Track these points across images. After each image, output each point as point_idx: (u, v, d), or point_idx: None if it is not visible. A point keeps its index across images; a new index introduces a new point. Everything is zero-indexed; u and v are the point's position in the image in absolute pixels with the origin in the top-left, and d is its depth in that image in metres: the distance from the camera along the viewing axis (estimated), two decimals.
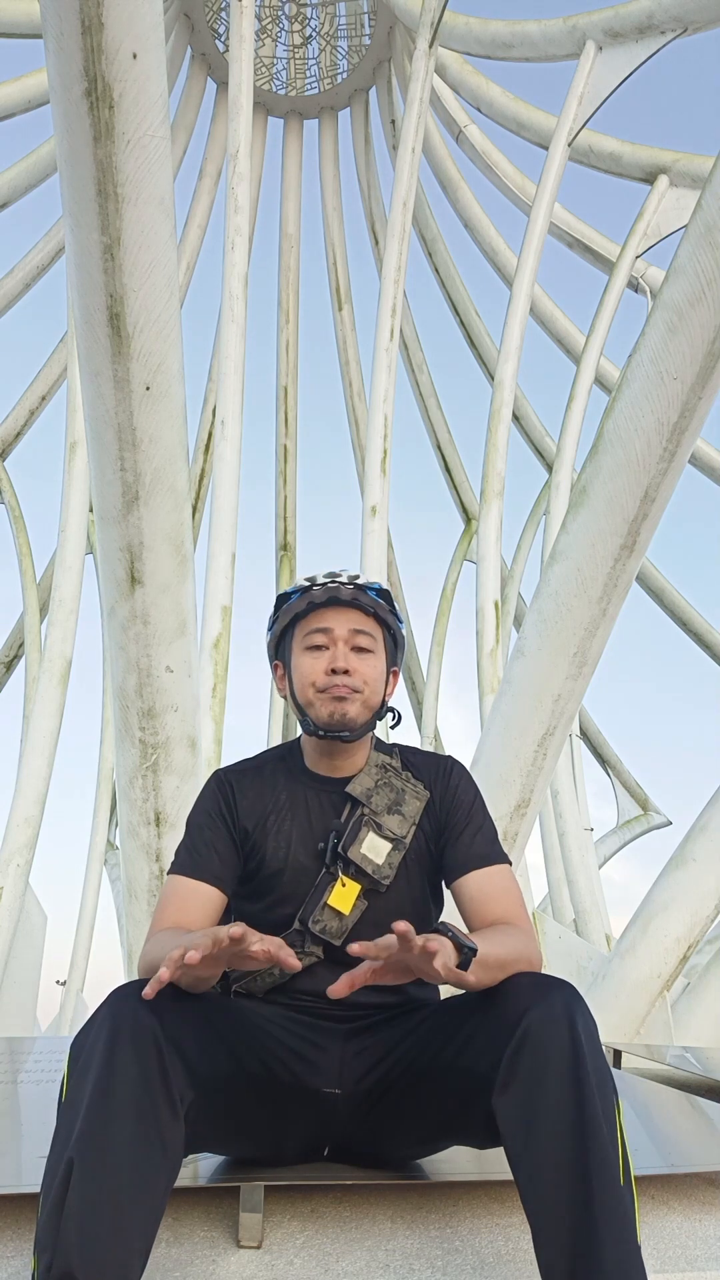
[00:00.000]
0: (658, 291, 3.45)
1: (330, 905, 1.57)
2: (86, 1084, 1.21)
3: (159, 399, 3.18)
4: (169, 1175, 1.22)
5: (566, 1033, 1.28)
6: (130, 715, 3.74)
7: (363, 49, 14.41)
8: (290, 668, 1.71)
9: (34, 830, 8.27)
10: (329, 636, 1.66)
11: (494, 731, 4.33)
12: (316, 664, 1.65)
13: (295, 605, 1.70)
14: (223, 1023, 1.43)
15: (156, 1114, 1.21)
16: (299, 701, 1.68)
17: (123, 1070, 1.21)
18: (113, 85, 2.61)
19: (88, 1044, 1.26)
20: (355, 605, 1.67)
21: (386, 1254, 1.47)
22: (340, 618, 1.67)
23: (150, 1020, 1.26)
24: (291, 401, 15.69)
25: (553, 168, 10.36)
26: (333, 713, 1.63)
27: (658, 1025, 4.79)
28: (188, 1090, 1.28)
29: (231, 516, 7.40)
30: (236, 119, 8.50)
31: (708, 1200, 1.89)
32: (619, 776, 16.48)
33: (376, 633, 1.70)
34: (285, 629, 1.73)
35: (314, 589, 1.69)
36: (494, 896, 1.57)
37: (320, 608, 1.67)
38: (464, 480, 15.30)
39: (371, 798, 1.64)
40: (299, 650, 1.69)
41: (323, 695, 1.64)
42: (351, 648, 1.66)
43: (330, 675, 1.63)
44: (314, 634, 1.67)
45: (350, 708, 1.63)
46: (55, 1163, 1.17)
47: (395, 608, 1.76)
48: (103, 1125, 1.17)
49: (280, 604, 1.74)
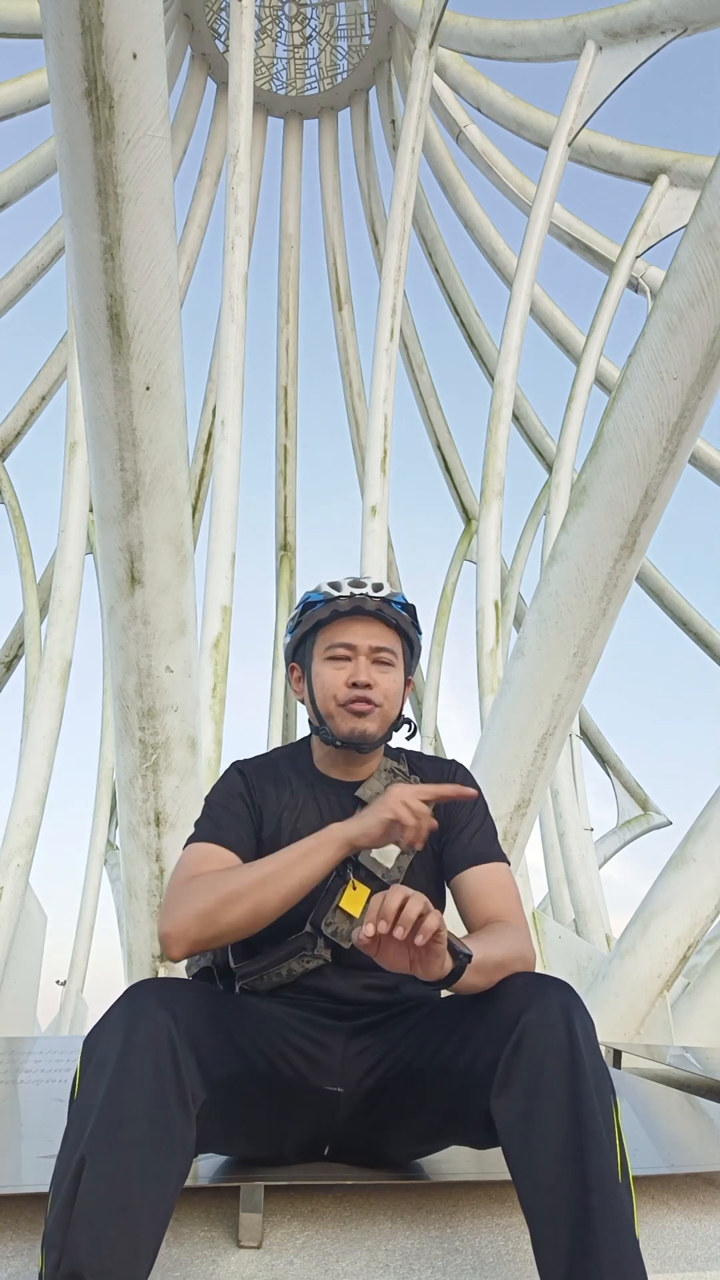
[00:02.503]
0: (658, 291, 3.45)
1: (342, 908, 1.57)
2: (100, 1083, 1.20)
3: (159, 399, 3.18)
4: (180, 1176, 1.22)
5: (564, 1032, 1.28)
6: (130, 715, 3.74)
7: (363, 49, 14.41)
8: (310, 673, 1.71)
9: (34, 830, 8.26)
10: (352, 649, 1.65)
11: (494, 731, 4.33)
12: (338, 675, 1.65)
13: (319, 612, 1.68)
14: (233, 1021, 1.44)
15: (169, 1116, 1.21)
16: (319, 710, 1.67)
17: (138, 1071, 1.21)
18: (113, 85, 2.61)
19: (102, 1043, 1.26)
20: (379, 617, 1.67)
21: (386, 1254, 1.47)
22: (364, 630, 1.66)
23: (166, 1020, 1.26)
24: (291, 401, 15.69)
25: (553, 168, 10.36)
26: (353, 729, 1.63)
27: (658, 1025, 4.79)
28: (200, 1091, 1.28)
29: (231, 516, 7.40)
30: (236, 119, 8.50)
31: (708, 1200, 1.89)
32: (619, 776, 16.48)
33: (397, 646, 1.69)
34: (307, 633, 1.72)
35: (339, 598, 1.67)
36: (491, 893, 1.58)
37: (344, 617, 1.67)
38: (464, 480, 15.30)
39: None
40: (320, 658, 1.68)
41: (343, 709, 1.63)
42: (373, 661, 1.66)
43: (351, 688, 1.63)
44: (337, 645, 1.66)
45: (370, 724, 1.63)
46: (66, 1161, 1.17)
47: (418, 621, 1.75)
48: (116, 1125, 1.17)
49: (304, 607, 1.72)
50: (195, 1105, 1.26)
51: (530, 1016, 1.30)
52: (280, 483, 15.72)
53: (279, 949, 1.59)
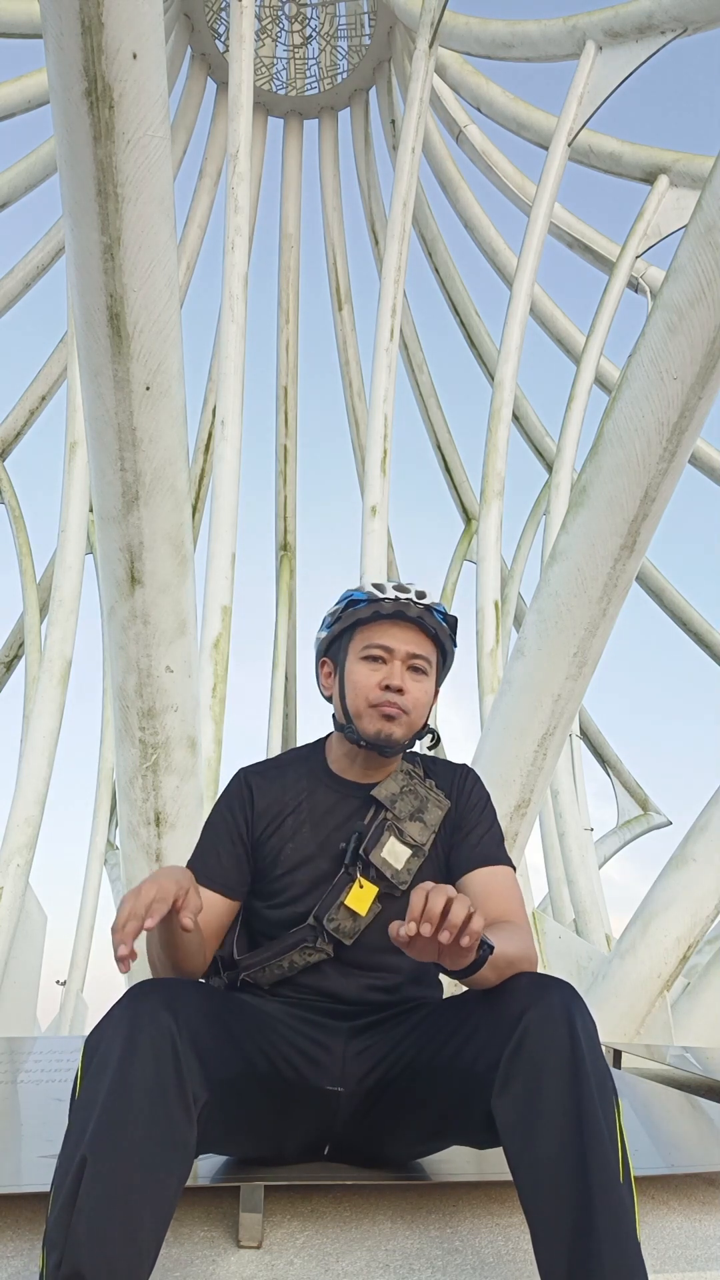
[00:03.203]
0: (658, 291, 3.45)
1: (347, 905, 1.58)
2: (102, 1084, 1.21)
3: (159, 399, 3.18)
4: (181, 1177, 1.22)
5: (565, 1032, 1.28)
6: (130, 715, 3.74)
7: (363, 49, 14.41)
8: (343, 671, 1.70)
9: (34, 830, 8.26)
10: (389, 653, 1.65)
11: (494, 731, 4.33)
12: (373, 676, 1.65)
13: (361, 611, 1.68)
14: (234, 1021, 1.44)
15: (171, 1116, 1.22)
16: (348, 709, 1.67)
17: (140, 1071, 1.21)
18: (113, 85, 2.61)
19: (104, 1043, 1.26)
20: (420, 625, 1.67)
21: (386, 1254, 1.47)
22: (403, 636, 1.66)
23: (168, 1020, 1.27)
24: (291, 401, 15.68)
25: (553, 168, 10.36)
26: (380, 731, 1.63)
27: (658, 1025, 4.79)
28: (202, 1091, 1.28)
29: (231, 516, 7.40)
30: (236, 119, 8.50)
31: (708, 1200, 1.89)
32: (619, 776, 16.48)
33: (433, 656, 1.70)
34: (345, 630, 1.71)
35: (384, 600, 1.67)
36: (496, 895, 1.59)
37: (385, 620, 1.66)
38: (464, 480, 15.31)
39: (396, 803, 1.66)
40: (355, 657, 1.68)
41: (373, 711, 1.63)
42: (408, 667, 1.66)
43: (384, 690, 1.63)
44: (374, 646, 1.66)
45: (397, 729, 1.63)
46: (67, 1160, 1.17)
47: (457, 634, 1.76)
48: (117, 1126, 1.17)
49: (346, 605, 1.72)
50: (197, 1106, 1.26)
51: (532, 1016, 1.30)
52: (280, 483, 15.72)
53: (281, 941, 1.60)
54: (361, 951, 1.59)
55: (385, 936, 1.51)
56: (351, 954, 1.59)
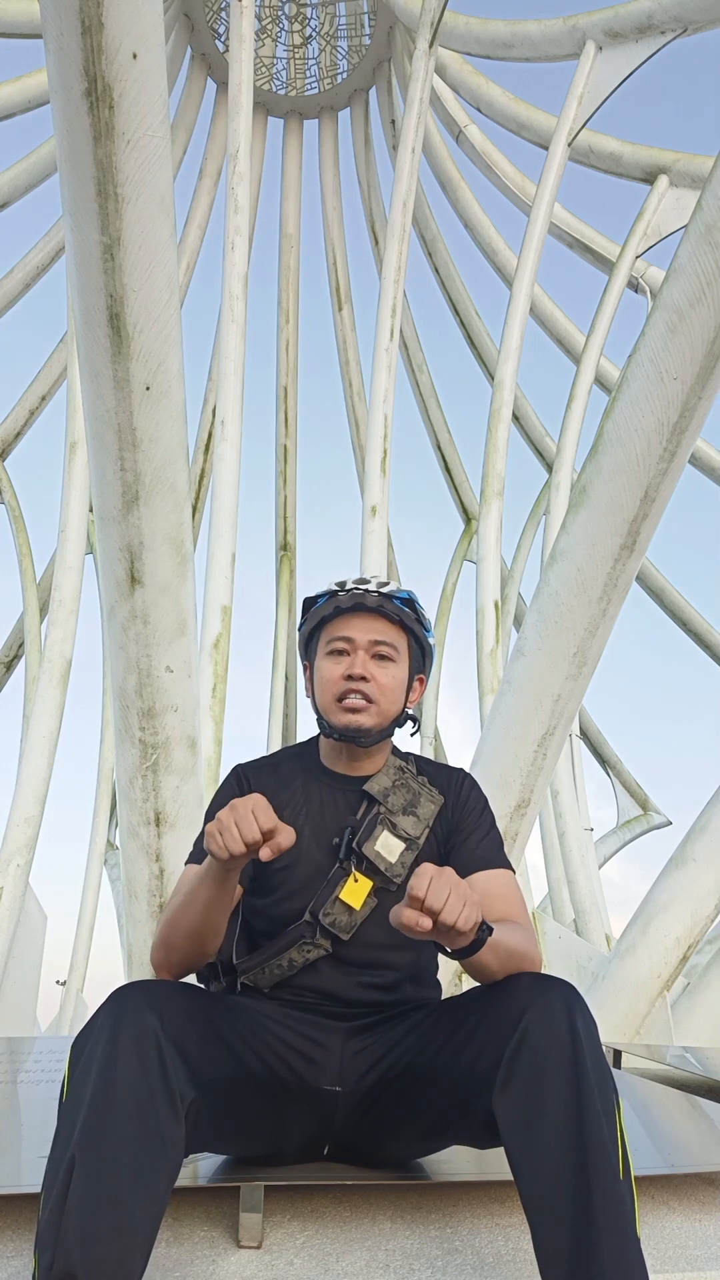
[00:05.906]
0: (658, 291, 3.45)
1: (342, 899, 1.58)
2: (88, 1084, 1.21)
3: (159, 399, 3.18)
4: (170, 1175, 1.22)
5: (566, 1032, 1.28)
6: (130, 715, 3.74)
7: (363, 49, 14.41)
8: (314, 669, 1.73)
9: (34, 830, 8.26)
10: (350, 644, 1.67)
11: (494, 731, 4.33)
12: (335, 669, 1.67)
13: (322, 609, 1.71)
14: (224, 1021, 1.44)
15: (157, 1113, 1.22)
16: (318, 705, 1.70)
17: (124, 1070, 1.22)
18: (113, 85, 2.61)
19: (89, 1044, 1.27)
20: (380, 613, 1.68)
21: (386, 1254, 1.47)
22: (364, 625, 1.68)
23: (151, 1020, 1.27)
24: (291, 401, 15.68)
25: (553, 168, 10.36)
26: (347, 723, 1.65)
27: (658, 1025, 4.79)
28: (188, 1089, 1.28)
29: (231, 516, 7.40)
30: (236, 119, 8.50)
31: (708, 1200, 1.89)
32: (619, 776, 16.47)
33: (400, 641, 1.70)
34: (313, 630, 1.75)
35: (340, 594, 1.70)
36: (497, 897, 1.59)
37: (345, 613, 1.69)
38: (464, 480, 15.30)
39: (388, 797, 1.66)
40: (322, 654, 1.71)
41: (338, 704, 1.65)
42: (372, 655, 1.67)
43: (346, 681, 1.65)
44: (336, 640, 1.68)
45: (364, 718, 1.64)
46: (57, 1162, 1.17)
47: (422, 616, 1.76)
48: (104, 1124, 1.17)
49: (307, 607, 1.76)
50: (183, 1103, 1.27)
51: (533, 1015, 1.30)
52: (280, 483, 15.71)
53: (278, 940, 1.60)
54: (359, 948, 1.59)
55: (382, 932, 1.52)
56: (349, 950, 1.59)
